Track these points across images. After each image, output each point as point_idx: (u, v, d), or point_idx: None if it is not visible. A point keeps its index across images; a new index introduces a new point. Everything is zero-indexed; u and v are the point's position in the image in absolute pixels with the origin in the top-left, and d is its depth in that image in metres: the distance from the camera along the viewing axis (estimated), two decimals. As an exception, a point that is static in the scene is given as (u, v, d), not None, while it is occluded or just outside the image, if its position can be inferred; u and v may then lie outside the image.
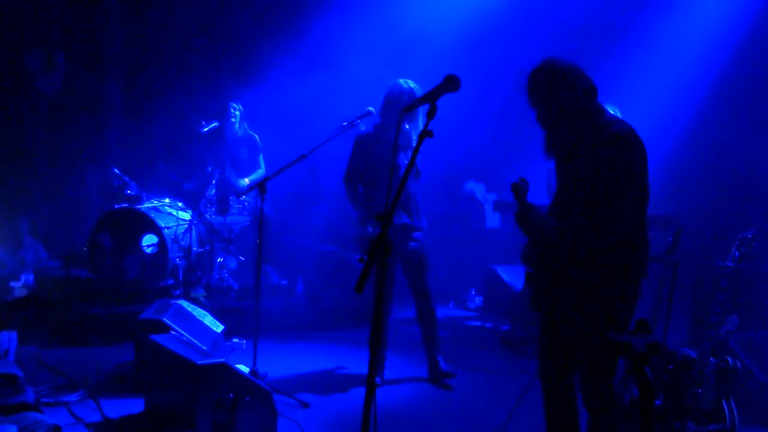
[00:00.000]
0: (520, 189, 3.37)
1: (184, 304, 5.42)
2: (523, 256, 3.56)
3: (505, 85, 7.62)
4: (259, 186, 5.24)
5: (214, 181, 7.00)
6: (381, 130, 5.31)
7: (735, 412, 3.98)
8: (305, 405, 4.77)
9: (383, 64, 7.19)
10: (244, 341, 6.01)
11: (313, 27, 8.25)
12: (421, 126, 3.53)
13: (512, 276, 7.49)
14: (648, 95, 7.29)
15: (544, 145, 3.48)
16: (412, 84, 5.24)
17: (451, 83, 3.04)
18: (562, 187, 3.47)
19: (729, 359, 4.05)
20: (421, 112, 4.34)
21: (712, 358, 4.07)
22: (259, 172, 7.32)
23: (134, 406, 4.42)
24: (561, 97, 3.33)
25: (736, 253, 4.23)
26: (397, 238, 5.17)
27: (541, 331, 3.61)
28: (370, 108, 5.39)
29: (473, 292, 8.30)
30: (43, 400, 4.41)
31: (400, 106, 4.81)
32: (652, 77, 7.40)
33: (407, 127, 5.09)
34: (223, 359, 4.01)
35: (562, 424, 3.59)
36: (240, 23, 9.04)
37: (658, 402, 4.07)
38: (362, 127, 5.45)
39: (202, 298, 6.59)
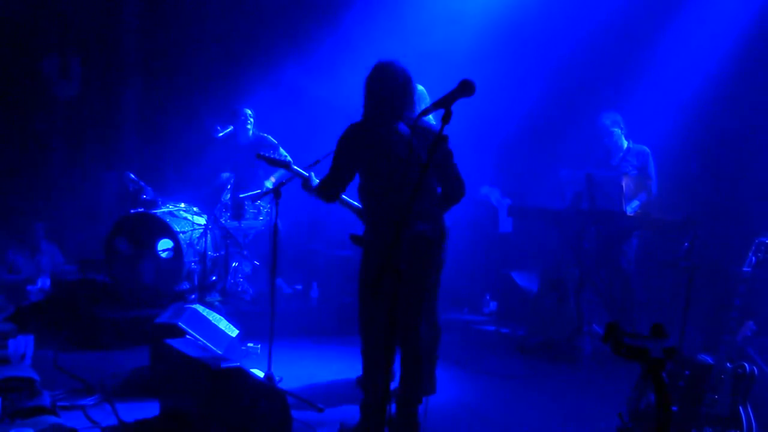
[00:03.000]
0: None
1: (200, 308, 5.45)
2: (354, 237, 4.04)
3: (517, 90, 7.61)
4: (274, 191, 5.25)
5: (229, 186, 7.02)
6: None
7: (752, 418, 3.95)
8: (320, 410, 4.77)
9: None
10: (259, 345, 6.01)
11: (330, 29, 8.26)
12: None
13: (527, 281, 7.45)
14: (660, 99, 7.24)
15: None
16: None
17: (466, 88, 3.03)
18: None
19: (746, 365, 4.02)
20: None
21: (728, 364, 4.04)
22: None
23: (149, 409, 4.44)
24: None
25: (754, 258, 4.20)
26: None
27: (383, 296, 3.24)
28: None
29: (488, 297, 8.27)
30: (59, 403, 4.44)
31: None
32: (664, 81, 7.35)
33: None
34: (238, 363, 4.03)
35: (381, 392, 3.68)
36: (256, 27, 9.07)
37: (674, 408, 4.05)
38: None
39: (217, 303, 6.61)
